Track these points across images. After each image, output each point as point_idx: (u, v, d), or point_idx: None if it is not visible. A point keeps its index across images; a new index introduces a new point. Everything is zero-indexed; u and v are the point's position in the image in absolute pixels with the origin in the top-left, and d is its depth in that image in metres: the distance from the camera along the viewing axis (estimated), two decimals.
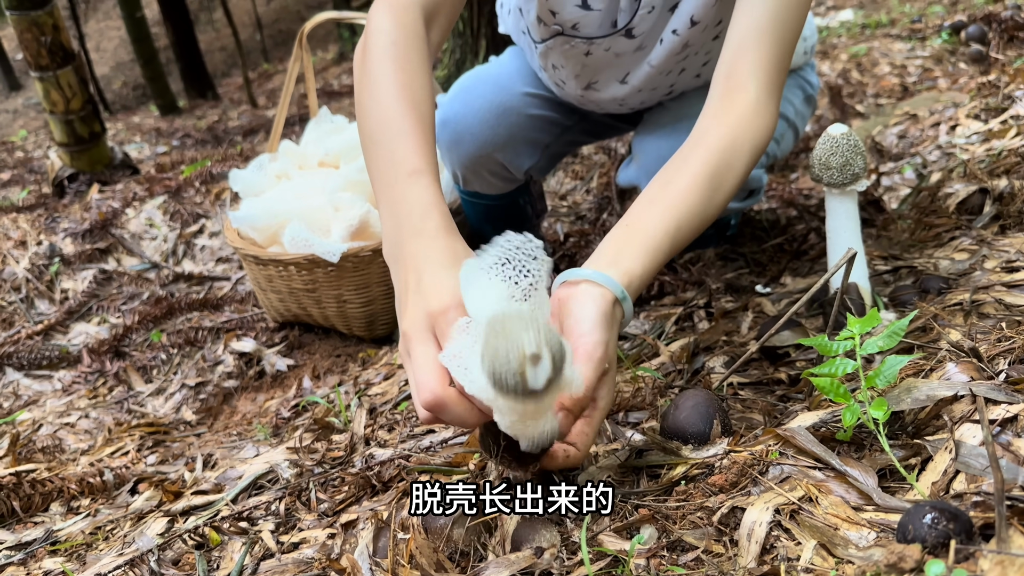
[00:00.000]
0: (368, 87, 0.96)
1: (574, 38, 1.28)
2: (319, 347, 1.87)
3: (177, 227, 2.55)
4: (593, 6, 1.22)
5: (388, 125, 0.92)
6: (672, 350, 1.27)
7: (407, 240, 0.86)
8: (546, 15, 1.27)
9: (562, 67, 1.39)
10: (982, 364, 0.74)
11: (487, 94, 1.53)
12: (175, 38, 8.10)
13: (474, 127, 1.53)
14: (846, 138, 1.02)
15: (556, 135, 1.63)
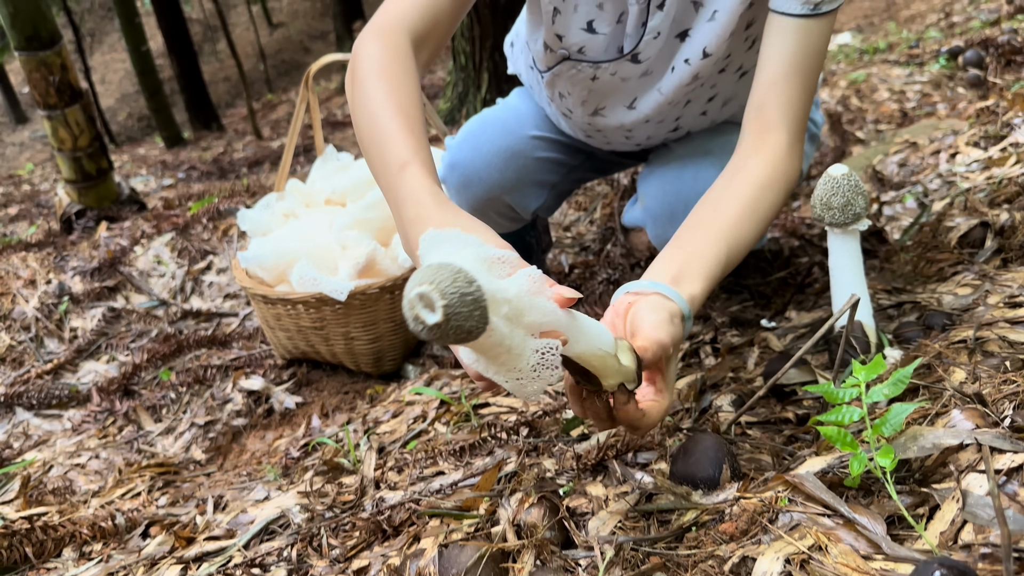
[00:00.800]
0: (359, 101, 1.01)
1: (580, 62, 1.30)
2: (327, 384, 1.88)
3: (185, 264, 2.57)
4: (599, 30, 1.24)
5: (377, 130, 0.97)
6: (680, 387, 1.28)
7: (409, 230, 0.89)
8: (553, 40, 1.29)
9: (568, 94, 1.40)
10: (987, 410, 0.75)
11: (495, 138, 1.55)
12: (179, 70, 8.19)
13: (482, 171, 1.54)
14: (847, 178, 1.03)
15: (563, 175, 1.65)
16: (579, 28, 1.24)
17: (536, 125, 1.59)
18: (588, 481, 1.06)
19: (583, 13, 1.22)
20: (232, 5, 14.55)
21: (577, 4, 1.22)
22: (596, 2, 1.21)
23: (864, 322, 1.07)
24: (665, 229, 1.40)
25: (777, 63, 1.04)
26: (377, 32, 1.06)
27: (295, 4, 14.02)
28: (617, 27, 1.23)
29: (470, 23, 3.28)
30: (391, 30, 1.05)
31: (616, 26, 1.23)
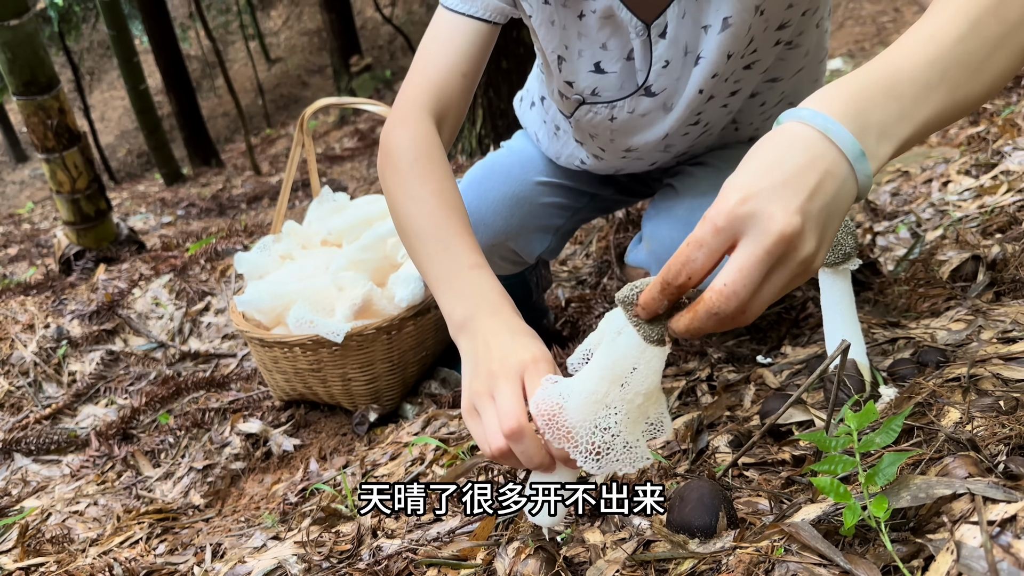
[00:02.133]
0: (405, 194, 1.07)
1: (595, 104, 1.30)
2: (325, 425, 1.88)
3: (183, 305, 2.57)
4: (607, 69, 1.24)
5: (437, 225, 1.03)
6: (677, 427, 1.27)
7: (484, 318, 0.92)
8: (565, 88, 1.30)
9: (595, 136, 1.40)
10: (981, 455, 0.74)
11: (500, 185, 1.56)
12: (178, 107, 8.26)
13: (487, 218, 1.55)
14: None
15: (567, 218, 1.65)
16: (587, 71, 1.25)
17: (541, 171, 1.60)
18: (586, 527, 1.06)
19: (588, 57, 1.23)
20: (230, 42, 14.71)
21: (581, 49, 1.23)
22: (599, 43, 1.22)
23: (858, 360, 1.07)
24: None
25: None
26: (402, 119, 1.11)
27: (292, 39, 14.17)
28: (627, 64, 1.24)
29: None
30: (415, 115, 1.10)
31: (626, 63, 1.23)
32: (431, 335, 1.84)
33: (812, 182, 0.64)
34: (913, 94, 0.69)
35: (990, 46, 0.71)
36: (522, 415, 0.80)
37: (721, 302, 0.64)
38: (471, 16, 1.14)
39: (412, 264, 1.84)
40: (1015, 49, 0.73)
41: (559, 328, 2.14)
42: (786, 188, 0.63)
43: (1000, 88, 0.75)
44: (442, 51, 1.14)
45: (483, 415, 0.84)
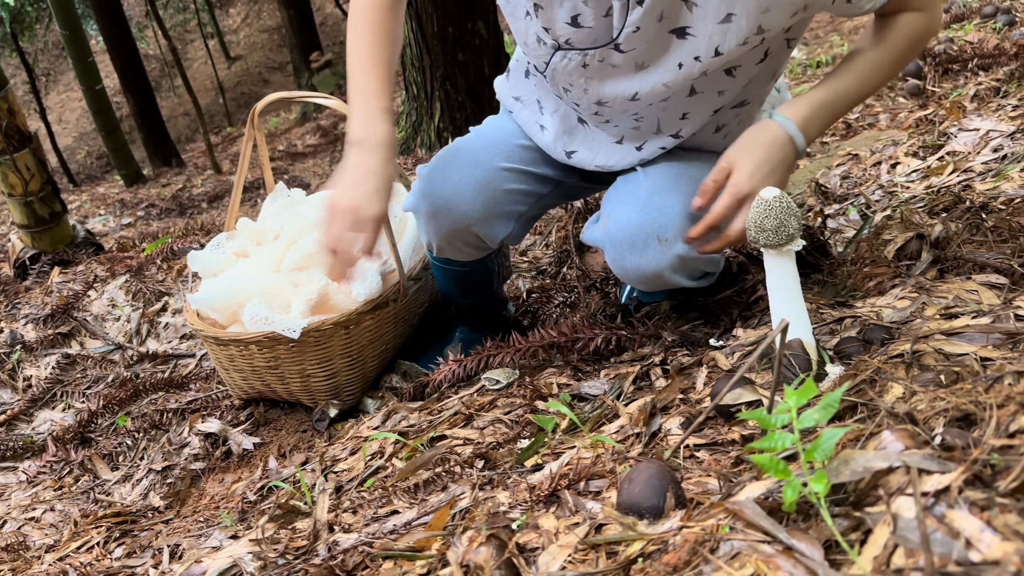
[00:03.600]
0: (352, 40, 1.41)
1: (569, 50, 1.32)
2: (285, 423, 1.86)
3: (140, 306, 2.54)
4: (584, 24, 1.27)
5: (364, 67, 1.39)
6: (631, 411, 1.28)
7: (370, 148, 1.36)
8: (542, 34, 1.32)
9: (571, 86, 1.41)
10: (919, 429, 0.76)
11: (465, 170, 1.55)
12: (136, 107, 8.13)
13: (452, 202, 1.55)
14: (779, 201, 1.05)
15: (531, 204, 1.65)
16: (564, 22, 1.27)
17: (506, 156, 1.59)
18: (541, 513, 1.06)
19: (568, 8, 1.25)
20: (189, 40, 14.50)
21: (563, 0, 1.26)
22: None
23: (804, 340, 1.08)
24: (623, 255, 1.41)
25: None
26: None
27: (252, 37, 14.00)
28: (604, 20, 1.26)
29: (419, 54, 3.31)
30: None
31: (603, 19, 1.26)
32: (390, 329, 1.83)
33: (784, 170, 1.26)
34: (839, 113, 1.29)
35: (887, 79, 1.31)
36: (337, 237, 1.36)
37: (736, 237, 1.28)
38: None
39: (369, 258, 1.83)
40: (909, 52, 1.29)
41: (519, 318, 2.15)
42: (773, 174, 1.24)
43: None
44: None
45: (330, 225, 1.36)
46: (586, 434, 1.22)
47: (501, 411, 1.50)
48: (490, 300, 1.95)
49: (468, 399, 1.59)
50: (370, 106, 1.36)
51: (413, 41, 3.28)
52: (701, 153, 1.53)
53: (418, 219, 1.63)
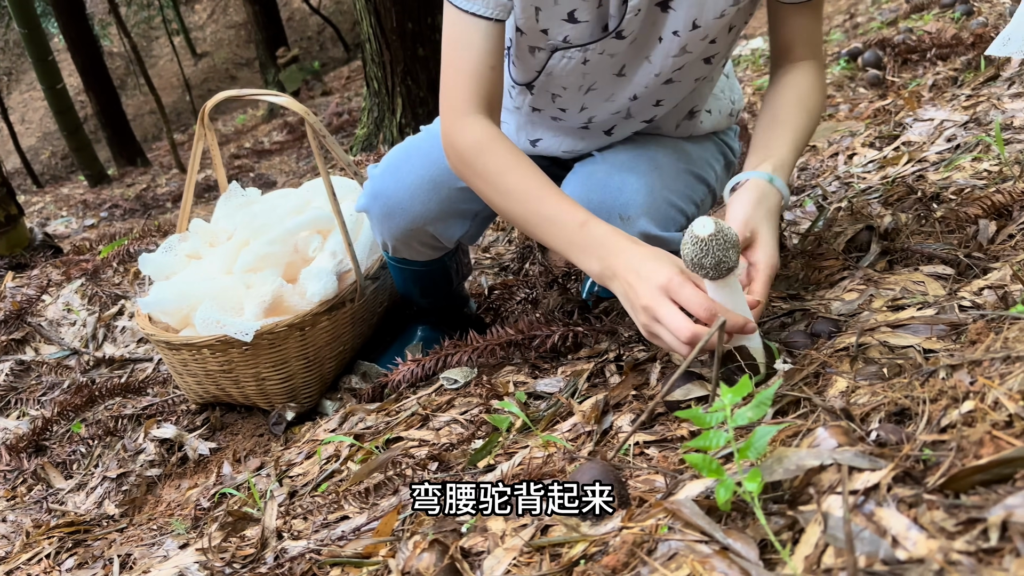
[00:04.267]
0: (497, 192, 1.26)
1: (568, 49, 1.32)
2: (242, 427, 1.84)
3: (96, 310, 2.49)
4: (580, 18, 1.26)
5: (537, 205, 1.21)
6: (584, 409, 1.27)
7: (614, 258, 1.12)
8: (539, 39, 1.31)
9: (564, 89, 1.40)
10: (854, 424, 0.75)
11: (418, 169, 1.53)
12: (99, 107, 8.00)
13: (405, 202, 1.53)
14: (715, 238, 0.96)
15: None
16: (561, 20, 1.27)
17: None
18: (490, 515, 1.05)
19: (564, 5, 1.25)
20: (154, 37, 14.30)
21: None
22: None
23: (748, 344, 1.07)
24: None
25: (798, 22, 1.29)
26: (461, 124, 1.25)
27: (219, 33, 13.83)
28: (599, 11, 1.26)
29: (379, 49, 3.28)
30: (470, 118, 1.25)
31: (597, 11, 1.26)
32: (348, 329, 1.81)
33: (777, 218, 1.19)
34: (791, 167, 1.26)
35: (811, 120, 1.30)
36: (691, 324, 1.01)
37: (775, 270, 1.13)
38: (481, 16, 1.22)
39: (325, 257, 1.81)
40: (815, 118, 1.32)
41: (482, 315, 2.13)
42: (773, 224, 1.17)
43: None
44: (468, 56, 1.24)
45: (662, 337, 1.06)
46: (537, 434, 1.21)
47: (458, 411, 1.48)
48: (450, 299, 1.94)
49: (426, 399, 1.58)
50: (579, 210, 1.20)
51: (372, 37, 3.25)
52: (658, 136, 1.53)
53: (371, 220, 1.60)
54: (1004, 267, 1.08)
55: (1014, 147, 1.69)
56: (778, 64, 1.34)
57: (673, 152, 1.51)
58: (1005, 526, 0.55)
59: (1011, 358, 0.72)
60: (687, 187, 1.50)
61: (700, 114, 1.54)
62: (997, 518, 0.55)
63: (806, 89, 1.28)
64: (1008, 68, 2.15)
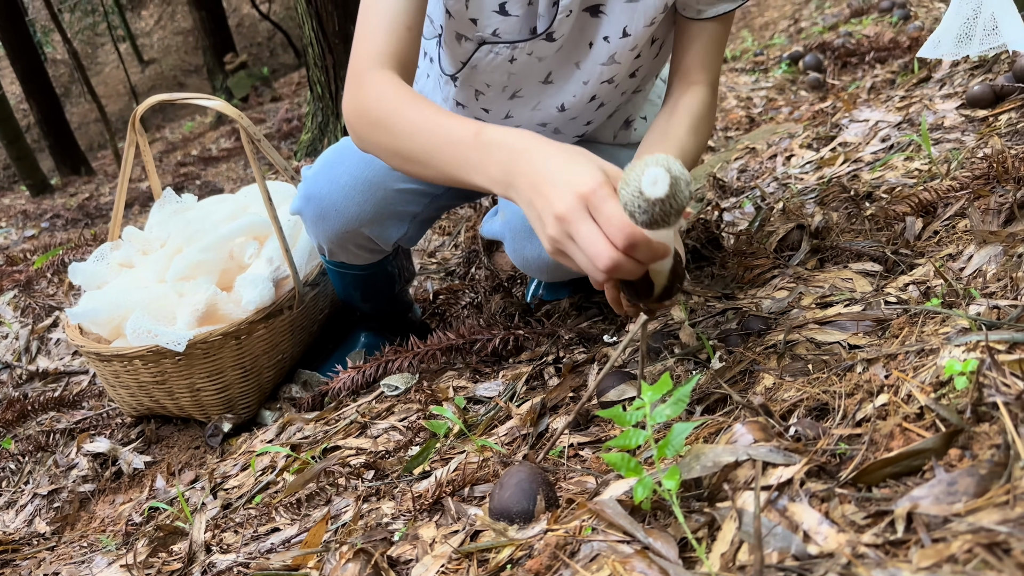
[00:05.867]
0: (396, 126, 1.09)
1: (497, 44, 1.30)
2: (178, 439, 1.79)
3: (29, 322, 2.41)
4: (511, 12, 1.24)
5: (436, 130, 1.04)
6: (522, 412, 1.26)
7: (520, 161, 0.93)
8: (467, 27, 1.28)
9: (488, 86, 1.38)
10: (773, 420, 0.75)
11: (352, 169, 1.50)
12: (41, 115, 7.79)
13: (339, 203, 1.50)
14: (670, 198, 0.96)
15: (425, 204, 1.61)
16: (492, 11, 1.25)
17: None
18: (424, 522, 1.03)
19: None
20: (100, 44, 14.00)
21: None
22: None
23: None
24: (523, 245, 1.39)
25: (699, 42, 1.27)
26: (367, 80, 1.12)
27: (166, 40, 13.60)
28: (529, 9, 1.24)
29: (322, 53, 3.23)
30: (377, 73, 1.13)
31: (528, 8, 1.24)
32: (287, 337, 1.78)
33: None
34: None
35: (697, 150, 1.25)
36: (611, 249, 0.83)
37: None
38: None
39: (261, 264, 1.77)
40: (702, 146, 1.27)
41: (427, 320, 2.11)
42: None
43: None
44: (382, 12, 1.15)
45: (574, 257, 0.89)
46: (473, 439, 1.20)
47: (397, 418, 1.46)
48: (393, 304, 1.91)
49: (365, 407, 1.55)
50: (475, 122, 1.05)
51: (314, 41, 3.20)
52: (594, 145, 1.53)
53: (305, 222, 1.57)
54: (927, 263, 1.10)
55: (944, 146, 1.73)
56: (675, 85, 1.30)
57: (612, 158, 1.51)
58: (911, 518, 0.55)
59: (924, 351, 0.72)
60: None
61: (635, 122, 1.55)
62: (903, 510, 0.55)
63: (700, 115, 1.25)
64: (939, 70, 2.20)
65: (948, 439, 0.59)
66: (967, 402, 0.60)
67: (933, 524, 0.54)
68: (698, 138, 1.23)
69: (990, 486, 0.54)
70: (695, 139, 1.23)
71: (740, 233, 1.49)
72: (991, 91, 1.84)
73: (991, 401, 0.60)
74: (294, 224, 1.84)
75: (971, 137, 1.71)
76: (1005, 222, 1.07)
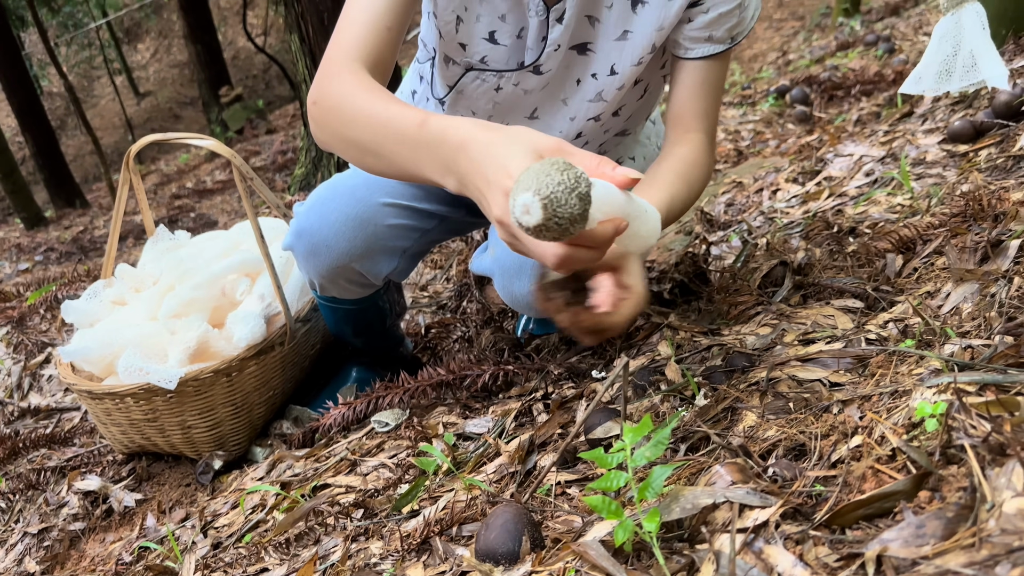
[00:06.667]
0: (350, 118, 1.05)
1: (484, 71, 1.32)
2: (169, 476, 1.79)
3: (21, 359, 2.42)
4: (500, 41, 1.27)
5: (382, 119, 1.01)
6: (511, 449, 1.27)
7: (459, 158, 0.89)
8: (455, 50, 1.30)
9: (472, 114, 1.40)
10: (752, 461, 0.76)
11: (343, 206, 1.52)
12: (37, 148, 7.84)
13: (330, 239, 1.51)
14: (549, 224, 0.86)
15: (415, 239, 1.63)
16: (481, 38, 1.27)
17: (387, 192, 1.57)
18: (412, 562, 1.04)
19: (485, 23, 1.25)
20: (96, 77, 14.10)
21: (479, 14, 1.26)
22: (498, 14, 1.25)
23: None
24: (512, 281, 1.41)
25: (690, 85, 1.25)
26: (336, 72, 1.10)
27: (162, 72, 13.71)
28: (517, 41, 1.27)
29: None
30: (348, 66, 1.10)
31: (516, 40, 1.26)
32: (278, 374, 1.78)
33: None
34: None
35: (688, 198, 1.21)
36: (558, 246, 0.80)
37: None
38: None
39: (252, 301, 1.78)
40: (693, 198, 1.23)
41: (418, 354, 2.12)
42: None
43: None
44: (364, 8, 1.15)
45: (529, 253, 0.85)
46: (461, 477, 1.21)
47: (387, 455, 1.47)
48: (384, 338, 1.92)
49: (356, 443, 1.56)
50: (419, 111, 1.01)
51: (308, 77, 3.25)
52: None
53: (297, 258, 1.59)
54: (906, 300, 1.12)
55: (926, 181, 1.76)
56: (670, 134, 1.28)
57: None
58: (880, 560, 0.56)
59: (898, 392, 0.74)
60: None
61: (624, 162, 1.57)
62: (873, 552, 0.56)
63: (692, 161, 1.22)
64: (922, 105, 2.24)
65: (918, 481, 0.61)
66: (936, 444, 0.62)
67: (902, 567, 0.55)
68: (689, 185, 1.20)
69: (957, 529, 0.55)
70: (685, 186, 1.19)
71: (724, 269, 1.51)
72: (971, 127, 1.88)
73: (960, 443, 0.61)
74: (286, 260, 1.86)
75: (952, 172, 1.74)
76: (981, 260, 1.09)
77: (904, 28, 4.37)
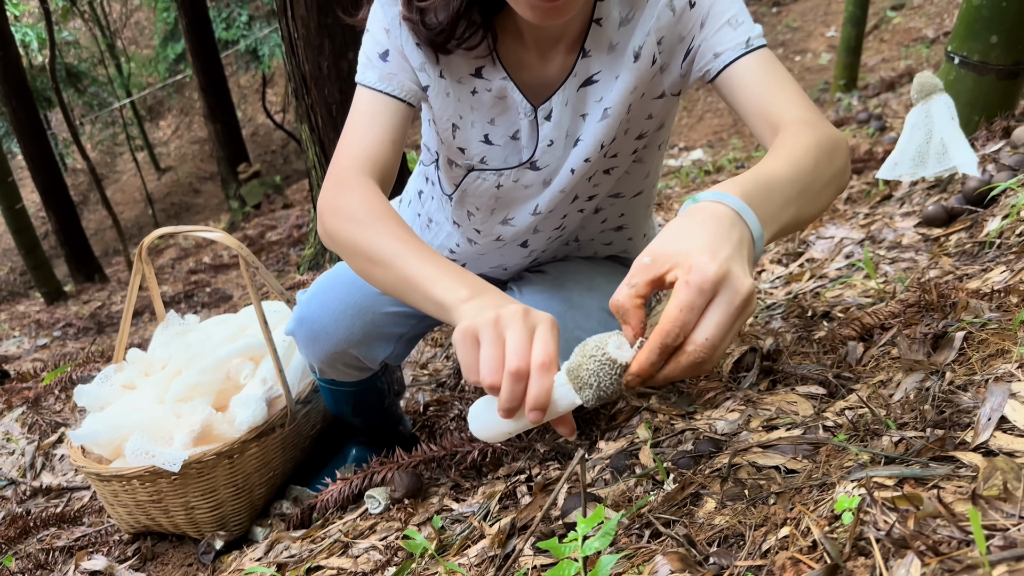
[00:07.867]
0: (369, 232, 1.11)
1: (484, 171, 1.40)
2: (173, 556, 1.84)
3: (36, 439, 2.50)
4: (495, 142, 1.36)
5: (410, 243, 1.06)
6: (494, 531, 1.32)
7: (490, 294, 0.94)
8: (456, 154, 1.40)
9: (477, 210, 1.49)
10: (696, 551, 0.82)
11: (342, 295, 1.61)
12: (58, 225, 8.07)
13: (329, 327, 1.60)
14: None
15: (412, 325, 1.71)
16: (478, 141, 1.36)
17: None
18: None
19: (479, 128, 1.35)
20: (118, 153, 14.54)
21: (474, 121, 1.35)
22: (488, 119, 1.34)
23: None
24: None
25: (756, 89, 1.10)
26: (345, 183, 1.18)
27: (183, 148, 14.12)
28: (513, 141, 1.35)
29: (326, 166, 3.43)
30: (356, 178, 1.18)
31: (511, 140, 1.35)
32: (278, 455, 1.85)
33: (747, 251, 0.81)
34: (780, 201, 0.90)
35: (825, 180, 0.97)
36: (527, 356, 0.82)
37: (706, 352, 0.76)
38: (389, 95, 1.25)
39: (255, 384, 1.87)
40: (836, 188, 1.01)
41: (416, 432, 2.18)
42: (739, 256, 0.79)
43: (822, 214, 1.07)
44: (369, 123, 1.24)
45: (484, 346, 0.84)
46: (442, 563, 1.26)
47: (378, 536, 1.52)
48: (383, 418, 1.99)
49: (350, 524, 1.61)
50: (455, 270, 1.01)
51: (317, 164, 3.40)
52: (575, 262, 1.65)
53: (298, 343, 1.68)
54: (862, 389, 1.18)
55: (900, 264, 1.83)
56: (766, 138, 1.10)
57: (588, 290, 1.57)
58: None
59: (826, 485, 0.80)
60: (600, 325, 1.58)
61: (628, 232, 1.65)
62: None
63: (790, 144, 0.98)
64: (900, 188, 2.33)
65: (830, 573, 0.66)
66: (848, 537, 0.68)
67: None
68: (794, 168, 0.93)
69: None
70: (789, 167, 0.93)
71: None
72: (944, 211, 1.96)
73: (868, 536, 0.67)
74: (289, 343, 1.94)
75: (924, 256, 1.82)
76: (931, 350, 1.16)
77: (896, 105, 4.50)
